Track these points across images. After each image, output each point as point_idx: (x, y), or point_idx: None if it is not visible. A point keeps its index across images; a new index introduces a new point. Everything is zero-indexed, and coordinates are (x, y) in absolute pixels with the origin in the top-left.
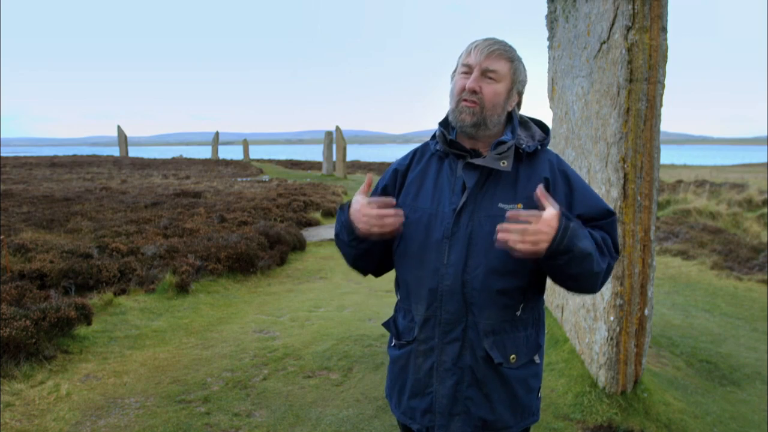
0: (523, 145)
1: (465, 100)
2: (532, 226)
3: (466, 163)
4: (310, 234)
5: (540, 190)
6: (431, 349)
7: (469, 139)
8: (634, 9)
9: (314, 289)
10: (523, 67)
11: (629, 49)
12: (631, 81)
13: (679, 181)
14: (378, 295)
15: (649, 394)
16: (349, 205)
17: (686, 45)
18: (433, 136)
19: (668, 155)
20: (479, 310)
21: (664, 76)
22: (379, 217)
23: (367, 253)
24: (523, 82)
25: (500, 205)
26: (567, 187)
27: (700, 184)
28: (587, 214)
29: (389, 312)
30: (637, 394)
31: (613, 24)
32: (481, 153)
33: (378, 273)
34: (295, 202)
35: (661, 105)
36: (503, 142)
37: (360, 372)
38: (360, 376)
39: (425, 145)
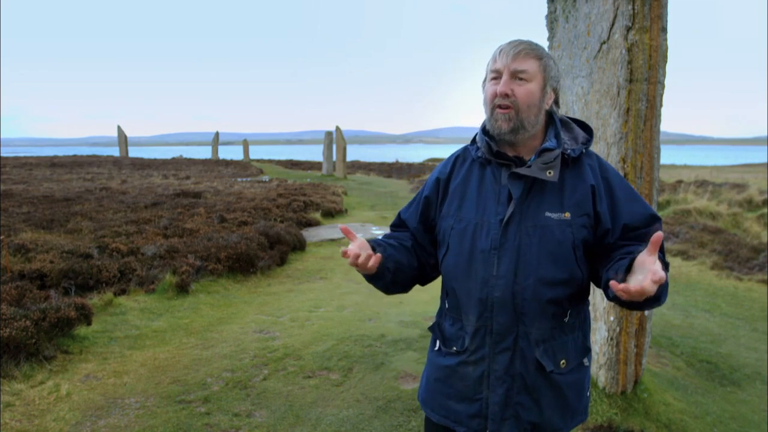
0: (568, 150)
1: (499, 106)
2: (646, 290)
3: (512, 173)
4: (310, 234)
5: (656, 243)
6: (482, 359)
7: (510, 146)
8: (634, 9)
9: (314, 290)
10: (554, 63)
11: (629, 50)
12: (631, 81)
13: (679, 182)
14: (378, 296)
15: (649, 395)
16: None
17: (686, 45)
18: (473, 141)
19: (668, 155)
20: (530, 320)
21: (664, 76)
22: (359, 266)
23: (393, 283)
24: (556, 78)
25: (547, 213)
26: (610, 196)
27: (701, 184)
28: (633, 224)
29: (389, 312)
30: (637, 394)
31: (613, 24)
32: (524, 160)
33: (423, 284)
34: (295, 202)
35: (661, 105)
36: (548, 150)
37: (360, 372)
38: (360, 376)
39: (465, 151)
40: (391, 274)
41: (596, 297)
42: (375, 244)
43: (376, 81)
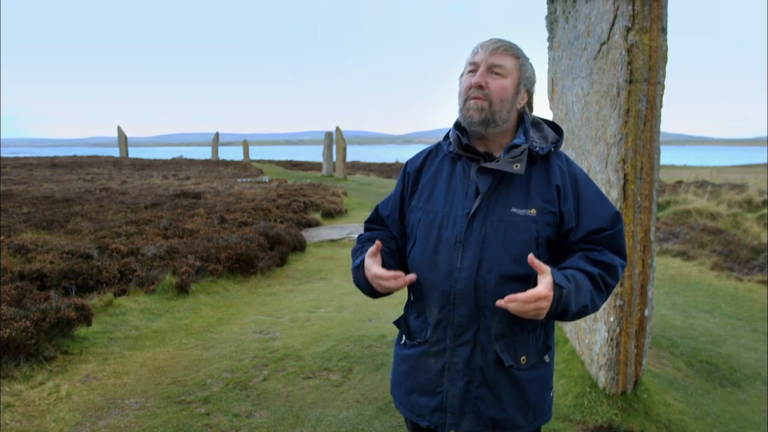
0: (537, 148)
1: (473, 97)
2: (531, 305)
3: (480, 167)
4: (310, 235)
5: (531, 259)
6: (443, 351)
7: (481, 142)
8: (633, 10)
9: (314, 290)
10: (531, 65)
11: (629, 50)
12: (631, 82)
13: (679, 182)
14: None
15: (649, 395)
16: (362, 262)
17: (686, 45)
18: (446, 137)
19: (668, 156)
20: (491, 314)
21: (664, 76)
22: (396, 287)
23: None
24: (531, 80)
25: (513, 209)
26: (575, 199)
27: (700, 184)
28: (595, 228)
29: (389, 313)
30: (637, 394)
31: (612, 25)
32: (494, 156)
33: None
34: (295, 202)
35: (661, 106)
36: (516, 146)
37: (360, 373)
38: (360, 376)
39: (438, 146)
40: None
41: None
42: (383, 258)
43: (376, 81)
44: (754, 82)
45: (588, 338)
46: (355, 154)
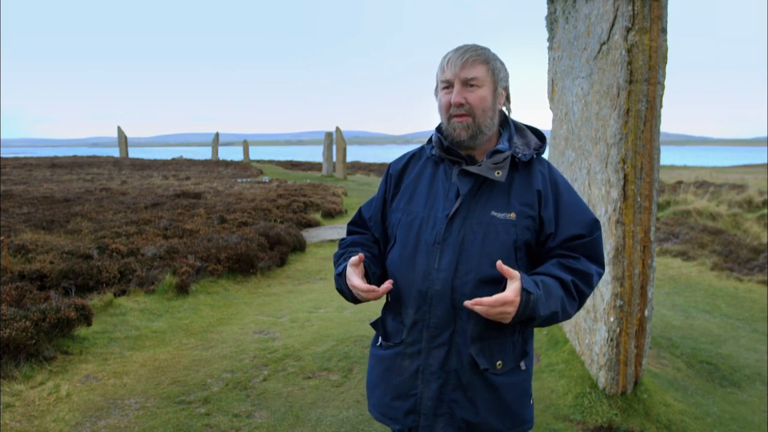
0: (519, 154)
1: (455, 115)
2: (496, 309)
3: (461, 169)
4: (310, 235)
5: (499, 265)
6: (418, 353)
7: (465, 148)
8: (633, 10)
9: (314, 290)
10: (501, 63)
11: (629, 50)
12: (631, 82)
13: (679, 182)
14: None
15: (649, 395)
16: (344, 269)
17: (686, 45)
18: (429, 140)
19: (668, 156)
20: (467, 316)
21: (664, 77)
22: (372, 299)
23: None
24: (505, 78)
25: (493, 212)
26: (555, 205)
27: (700, 185)
28: (573, 234)
29: None
30: (637, 395)
31: (612, 25)
32: (476, 159)
33: None
34: (295, 203)
35: (661, 106)
36: (499, 152)
37: (360, 373)
38: (360, 377)
39: (422, 149)
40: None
41: (596, 298)
42: (365, 266)
43: (376, 81)
44: (754, 82)
45: (588, 338)
46: (355, 154)
